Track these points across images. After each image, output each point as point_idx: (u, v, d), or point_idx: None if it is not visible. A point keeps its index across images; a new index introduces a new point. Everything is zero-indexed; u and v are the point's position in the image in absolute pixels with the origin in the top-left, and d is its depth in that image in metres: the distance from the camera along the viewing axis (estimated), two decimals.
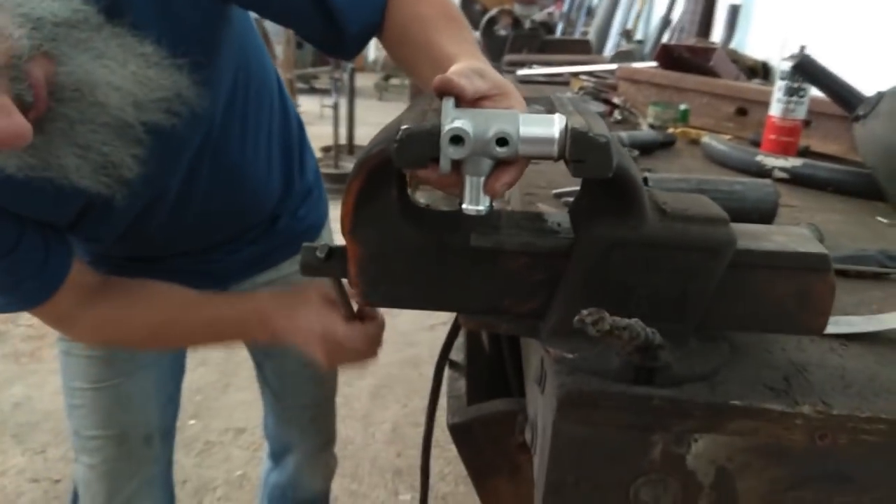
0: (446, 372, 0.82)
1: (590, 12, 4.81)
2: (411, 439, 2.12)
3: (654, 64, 1.70)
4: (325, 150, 4.68)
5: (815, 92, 1.21)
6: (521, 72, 2.07)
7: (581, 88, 1.72)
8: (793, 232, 0.53)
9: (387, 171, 0.48)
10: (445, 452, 1.97)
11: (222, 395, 2.26)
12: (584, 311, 0.42)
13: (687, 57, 1.58)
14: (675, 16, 2.76)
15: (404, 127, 0.44)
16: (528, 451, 0.64)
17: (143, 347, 0.96)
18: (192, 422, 2.11)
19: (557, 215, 0.53)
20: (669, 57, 1.61)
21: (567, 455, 0.50)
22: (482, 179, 0.45)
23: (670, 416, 0.48)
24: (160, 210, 0.80)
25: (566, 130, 0.43)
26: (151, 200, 0.78)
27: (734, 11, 2.22)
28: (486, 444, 0.72)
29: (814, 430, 0.48)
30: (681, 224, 0.48)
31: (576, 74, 1.95)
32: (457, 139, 0.42)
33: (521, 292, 0.51)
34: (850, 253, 0.70)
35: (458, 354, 0.84)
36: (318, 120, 6.47)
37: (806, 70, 0.97)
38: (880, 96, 0.93)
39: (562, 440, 0.49)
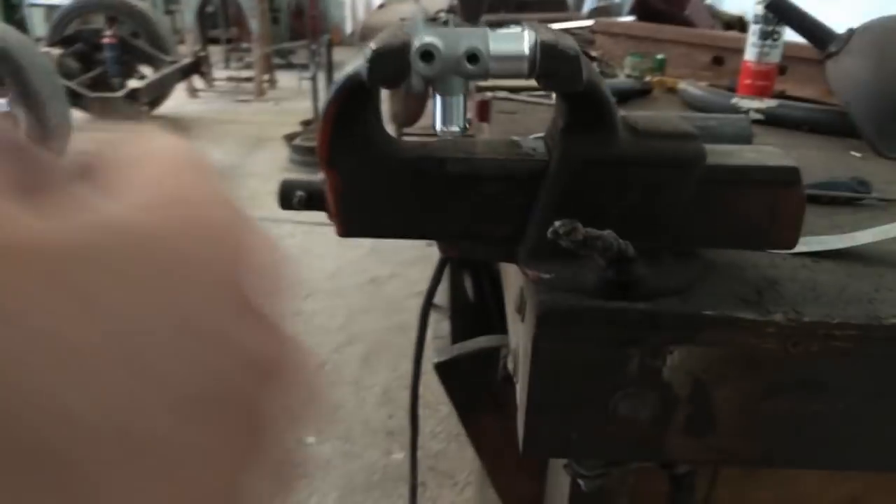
0: (431, 315, 0.83)
1: None
2: (402, 402, 2.13)
3: (631, 18, 1.70)
4: (305, 123, 4.65)
5: (789, 36, 1.21)
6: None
7: None
8: (764, 149, 0.54)
9: (362, 97, 0.48)
10: (437, 413, 1.99)
11: None
12: (557, 223, 0.43)
13: (663, 9, 1.58)
14: None
15: (374, 47, 0.44)
16: (511, 384, 0.65)
17: None
18: None
19: (532, 141, 0.54)
20: (646, 9, 1.61)
21: (547, 373, 0.51)
22: (454, 99, 0.45)
23: (645, 328, 0.49)
24: None
25: (536, 45, 0.44)
26: None
27: None
28: (472, 380, 0.73)
29: (786, 338, 0.49)
30: (651, 141, 0.49)
31: None
32: (427, 55, 0.43)
33: (497, 217, 0.52)
34: (823, 180, 0.71)
35: (442, 298, 0.85)
36: (296, 95, 6.41)
37: (777, 9, 0.97)
38: (851, 33, 0.94)
39: (542, 358, 0.50)
